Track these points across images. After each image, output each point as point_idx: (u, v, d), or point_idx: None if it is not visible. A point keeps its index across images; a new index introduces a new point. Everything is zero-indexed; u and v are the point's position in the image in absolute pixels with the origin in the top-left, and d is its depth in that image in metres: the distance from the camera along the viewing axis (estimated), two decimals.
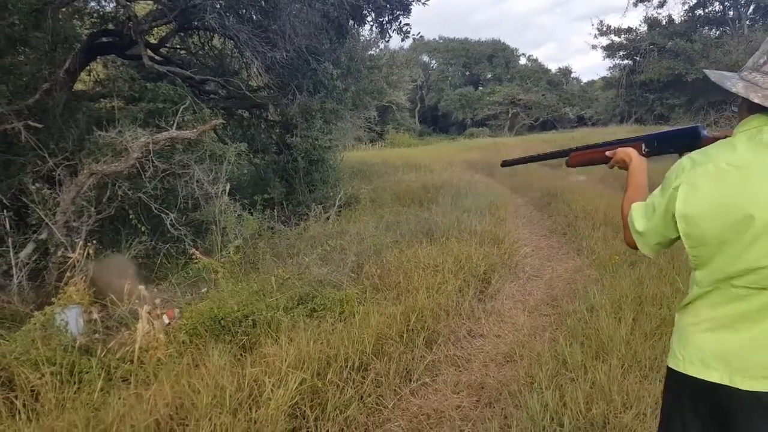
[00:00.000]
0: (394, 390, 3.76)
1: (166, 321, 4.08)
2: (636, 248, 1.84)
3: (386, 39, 11.05)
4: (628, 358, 3.77)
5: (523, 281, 6.21)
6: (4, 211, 5.30)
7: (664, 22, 20.89)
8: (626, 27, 21.82)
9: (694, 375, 1.69)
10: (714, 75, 1.77)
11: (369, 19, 10.38)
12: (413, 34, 10.76)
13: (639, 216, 1.80)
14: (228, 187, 6.69)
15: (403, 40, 11.18)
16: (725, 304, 1.65)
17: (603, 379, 3.45)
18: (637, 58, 20.76)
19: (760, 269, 1.56)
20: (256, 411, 3.12)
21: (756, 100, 1.58)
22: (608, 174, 13.82)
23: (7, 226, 5.16)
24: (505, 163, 2.76)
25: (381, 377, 3.78)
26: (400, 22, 10.48)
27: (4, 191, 5.52)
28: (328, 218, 8.20)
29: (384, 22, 10.43)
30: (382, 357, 3.98)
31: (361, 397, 3.56)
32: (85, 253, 4.60)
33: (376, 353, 4.00)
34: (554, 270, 6.59)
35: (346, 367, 3.72)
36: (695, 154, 1.68)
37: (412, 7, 10.33)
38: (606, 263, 6.20)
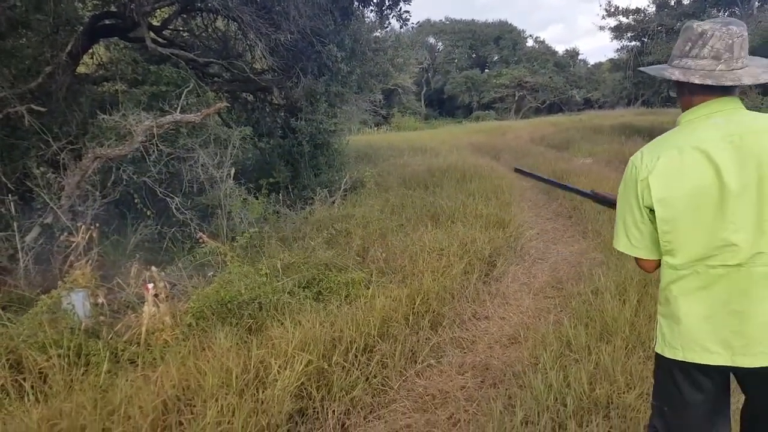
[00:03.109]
0: (400, 371, 3.78)
1: (152, 292, 4.06)
2: (653, 269, 1.94)
3: (385, 25, 10.97)
4: (632, 340, 3.78)
5: (528, 264, 6.20)
6: (9, 195, 5.31)
7: (672, 3, 20.64)
8: (634, 8, 21.58)
9: (698, 361, 1.74)
10: (651, 70, 1.90)
11: (373, 1, 10.29)
12: (413, 23, 10.69)
13: (620, 237, 1.94)
14: (233, 171, 6.68)
15: (401, 27, 11.14)
16: (708, 287, 1.72)
17: (607, 360, 3.46)
18: (645, 40, 20.51)
19: (731, 246, 1.66)
20: (263, 392, 3.14)
21: (697, 81, 1.71)
22: (613, 156, 13.77)
23: (13, 210, 5.17)
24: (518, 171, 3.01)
25: (386, 359, 3.79)
26: (400, 8, 10.38)
27: (8, 175, 5.52)
28: (333, 202, 8.19)
29: (384, 7, 10.33)
30: (387, 339, 3.99)
31: (367, 378, 3.59)
32: (89, 237, 4.60)
33: (382, 335, 4.01)
34: (559, 253, 6.58)
35: (352, 349, 3.74)
36: (646, 150, 1.80)
37: None
38: (611, 246, 6.17)
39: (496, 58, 55.05)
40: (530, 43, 56.03)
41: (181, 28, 9.87)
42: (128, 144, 5.55)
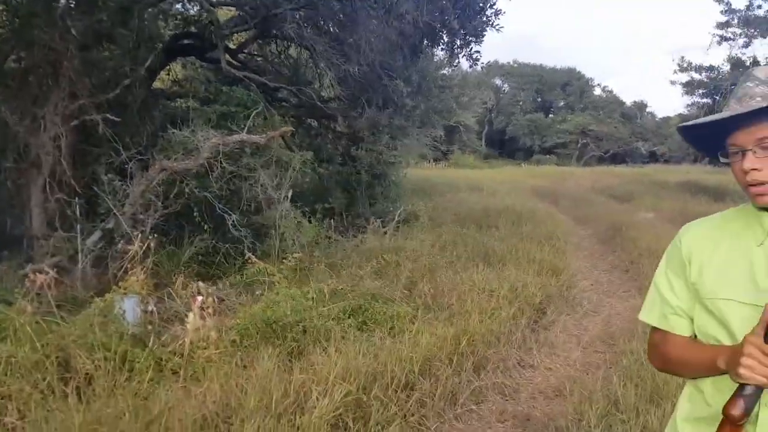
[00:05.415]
0: (438, 413, 3.69)
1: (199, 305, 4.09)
2: None
3: (455, 64, 11.04)
4: None
5: (579, 315, 6.02)
6: (77, 198, 5.54)
7: (747, 63, 20.09)
8: (708, 65, 21.08)
9: None
10: None
11: (443, 40, 10.39)
12: (482, 63, 10.73)
13: None
14: (290, 194, 6.78)
15: (471, 67, 11.20)
16: None
17: (656, 424, 3.28)
18: (717, 98, 19.99)
19: None
20: (300, 417, 3.11)
21: None
22: (677, 213, 13.34)
23: (78, 213, 5.38)
24: None
25: (426, 398, 3.71)
26: (471, 48, 10.44)
27: (77, 179, 5.75)
28: (385, 233, 8.20)
29: (455, 46, 10.41)
30: (428, 377, 3.91)
31: (405, 415, 3.51)
32: (147, 245, 4.72)
33: (423, 373, 3.94)
34: (613, 307, 6.37)
35: (392, 383, 3.67)
36: None
37: (485, 33, 10.27)
38: None
39: (561, 103, 54.70)
40: (597, 91, 55.53)
41: (255, 53, 10.19)
42: (194, 159, 5.73)
